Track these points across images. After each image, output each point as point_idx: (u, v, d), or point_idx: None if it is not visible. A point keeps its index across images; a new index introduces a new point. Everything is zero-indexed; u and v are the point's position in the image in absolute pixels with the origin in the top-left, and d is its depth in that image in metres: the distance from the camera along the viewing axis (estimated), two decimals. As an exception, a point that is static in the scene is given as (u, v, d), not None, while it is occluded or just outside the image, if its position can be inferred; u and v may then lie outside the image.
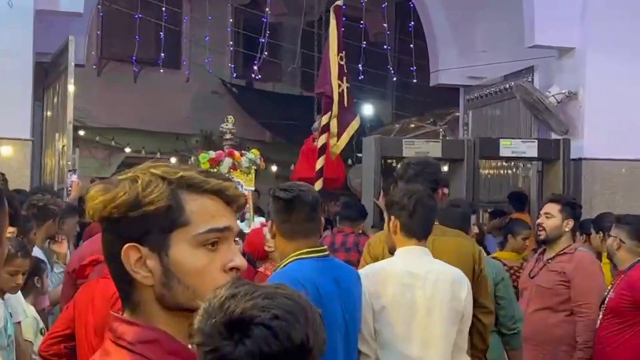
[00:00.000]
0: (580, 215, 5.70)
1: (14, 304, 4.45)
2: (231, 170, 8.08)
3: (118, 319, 1.62)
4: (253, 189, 8.66)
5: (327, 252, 3.76)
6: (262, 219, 7.98)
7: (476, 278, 4.36)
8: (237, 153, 8.36)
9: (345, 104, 9.35)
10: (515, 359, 5.19)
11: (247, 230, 6.82)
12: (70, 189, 8.35)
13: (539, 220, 5.65)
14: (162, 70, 16.06)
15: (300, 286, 3.41)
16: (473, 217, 5.99)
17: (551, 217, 5.57)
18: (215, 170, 7.58)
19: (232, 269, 1.62)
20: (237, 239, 5.55)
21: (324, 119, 9.33)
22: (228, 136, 8.59)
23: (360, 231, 8.01)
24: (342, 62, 9.39)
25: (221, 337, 1.44)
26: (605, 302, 5.35)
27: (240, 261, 1.63)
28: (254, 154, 8.51)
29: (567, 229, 5.54)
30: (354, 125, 9.57)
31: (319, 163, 9.27)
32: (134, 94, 17.52)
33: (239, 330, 1.43)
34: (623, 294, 5.28)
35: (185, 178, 1.61)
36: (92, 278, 4.07)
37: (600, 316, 5.38)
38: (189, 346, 1.58)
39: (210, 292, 1.54)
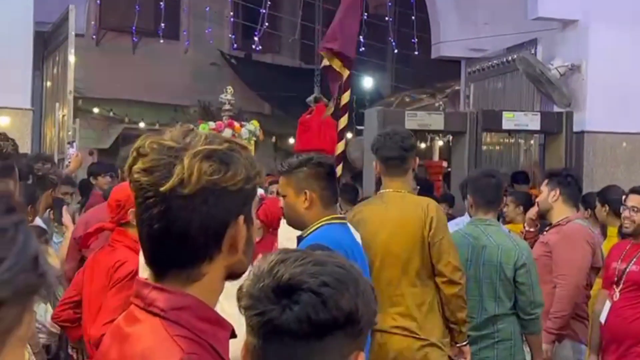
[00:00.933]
0: (569, 184, 5.61)
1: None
2: None
3: (148, 285, 1.59)
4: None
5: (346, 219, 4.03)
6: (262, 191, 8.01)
7: (430, 245, 4.45)
8: (236, 124, 8.32)
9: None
10: (532, 343, 5.15)
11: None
12: (69, 160, 8.32)
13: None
14: (161, 41, 15.97)
15: (340, 247, 3.61)
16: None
17: (541, 192, 5.61)
18: None
19: None
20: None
21: (345, 97, 9.11)
22: (227, 107, 8.52)
23: None
24: None
25: (269, 301, 1.42)
26: (625, 274, 5.31)
27: None
28: (253, 125, 8.47)
29: (554, 200, 5.51)
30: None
31: (339, 148, 9.13)
32: (132, 65, 17.45)
33: (287, 296, 1.41)
34: None
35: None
36: (96, 246, 4.07)
37: (619, 288, 5.35)
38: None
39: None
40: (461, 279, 4.48)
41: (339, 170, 8.81)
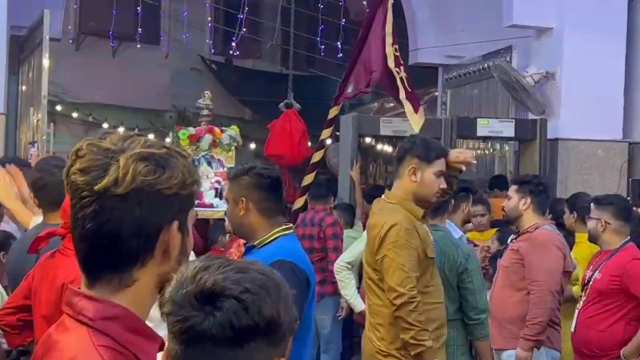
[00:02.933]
0: (540, 192, 5.66)
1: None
2: (212, 146, 7.83)
3: (78, 294, 1.59)
4: (233, 166, 8.37)
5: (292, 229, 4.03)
6: None
7: (378, 260, 4.51)
8: (217, 129, 8.07)
9: (409, 89, 8.98)
10: (479, 349, 5.19)
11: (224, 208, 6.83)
12: (31, 161, 8.26)
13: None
14: (139, 46, 15.94)
15: (301, 259, 3.74)
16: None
17: (509, 198, 5.65)
18: (195, 147, 7.63)
19: None
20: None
21: (334, 111, 9.06)
22: (205, 112, 8.22)
23: (331, 206, 8.42)
24: (397, 54, 9.04)
25: (192, 307, 1.43)
26: (590, 283, 5.35)
27: None
28: (234, 130, 8.21)
29: (524, 208, 5.55)
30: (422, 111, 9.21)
31: (317, 156, 9.16)
32: (112, 70, 17.38)
33: (209, 302, 1.42)
34: (612, 276, 5.28)
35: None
36: (45, 252, 3.91)
37: (584, 298, 5.39)
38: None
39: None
40: (397, 299, 4.38)
41: (310, 178, 8.84)
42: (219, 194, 7.48)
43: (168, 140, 7.76)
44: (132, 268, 1.58)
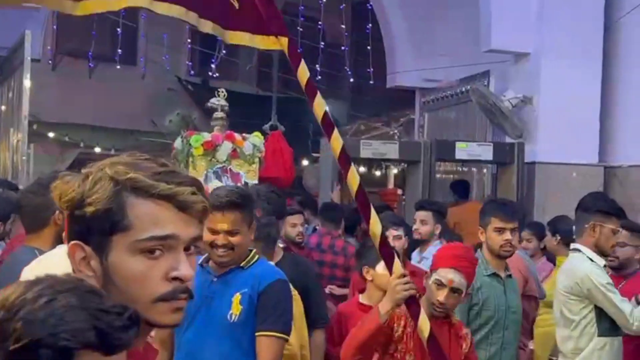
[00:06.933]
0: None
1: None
2: (231, 157, 6.49)
3: None
4: (257, 182, 6.56)
5: None
6: None
7: None
8: (238, 136, 6.60)
9: None
10: None
11: None
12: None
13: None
14: (118, 67, 15.91)
15: None
16: None
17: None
18: (210, 157, 6.49)
19: (175, 278, 1.54)
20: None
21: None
22: (219, 114, 6.61)
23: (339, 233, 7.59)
24: None
25: None
26: None
27: (186, 270, 1.55)
28: (257, 137, 6.79)
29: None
30: None
31: None
32: (88, 90, 17.35)
33: None
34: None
35: (133, 180, 1.53)
36: None
37: None
38: None
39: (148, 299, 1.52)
40: None
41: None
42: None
43: (177, 147, 6.60)
44: None
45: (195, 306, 3.53)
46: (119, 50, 15.53)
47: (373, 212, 3.19)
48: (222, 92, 6.71)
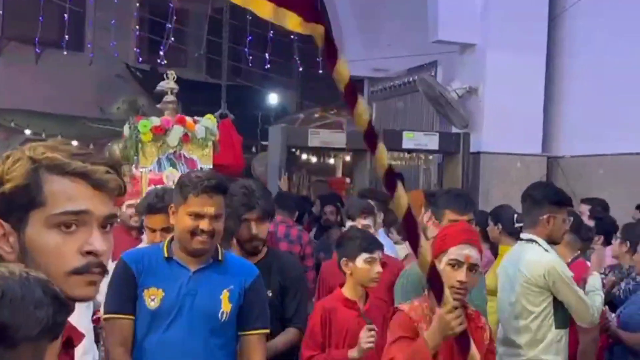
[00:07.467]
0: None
1: None
2: (182, 142, 6.21)
3: None
4: (211, 166, 6.35)
5: None
6: None
7: None
8: (189, 119, 6.29)
9: None
10: None
11: None
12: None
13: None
14: (65, 53, 15.74)
15: None
16: None
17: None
18: (161, 143, 6.20)
19: (89, 252, 1.61)
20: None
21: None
22: (170, 98, 6.28)
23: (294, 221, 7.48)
24: None
25: None
26: None
27: (99, 245, 1.61)
28: (210, 120, 6.45)
29: (426, 221, 5.59)
30: None
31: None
32: (35, 76, 17.15)
33: None
34: None
35: (49, 159, 1.61)
36: None
37: None
38: None
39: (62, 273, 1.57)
40: None
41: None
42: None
43: (126, 133, 6.38)
44: None
45: (175, 303, 3.31)
46: (66, 36, 15.37)
47: (423, 239, 2.78)
48: (172, 74, 6.45)
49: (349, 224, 5.01)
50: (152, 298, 3.31)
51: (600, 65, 9.15)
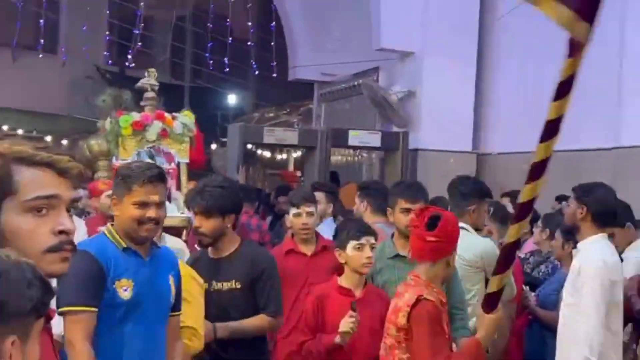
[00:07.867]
0: (377, 195, 5.57)
1: None
2: (161, 137, 5.94)
3: None
4: (187, 161, 6.22)
5: None
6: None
7: None
8: (168, 115, 6.04)
9: None
10: None
11: (177, 213, 5.41)
12: None
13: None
14: (40, 55, 15.60)
15: None
16: None
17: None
18: (140, 137, 5.86)
19: (61, 232, 1.67)
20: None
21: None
22: (150, 94, 5.99)
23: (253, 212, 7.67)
24: None
25: None
26: None
27: (70, 225, 1.68)
28: (187, 116, 6.23)
29: (363, 210, 5.61)
30: None
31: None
32: (11, 76, 16.97)
33: None
34: None
35: (17, 152, 1.67)
36: None
37: None
38: None
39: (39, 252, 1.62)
40: None
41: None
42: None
43: (106, 127, 6.08)
44: None
45: (142, 292, 3.16)
46: (41, 40, 15.23)
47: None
48: (153, 72, 6.19)
49: (292, 211, 4.95)
50: (125, 289, 3.13)
51: (523, 72, 9.30)
